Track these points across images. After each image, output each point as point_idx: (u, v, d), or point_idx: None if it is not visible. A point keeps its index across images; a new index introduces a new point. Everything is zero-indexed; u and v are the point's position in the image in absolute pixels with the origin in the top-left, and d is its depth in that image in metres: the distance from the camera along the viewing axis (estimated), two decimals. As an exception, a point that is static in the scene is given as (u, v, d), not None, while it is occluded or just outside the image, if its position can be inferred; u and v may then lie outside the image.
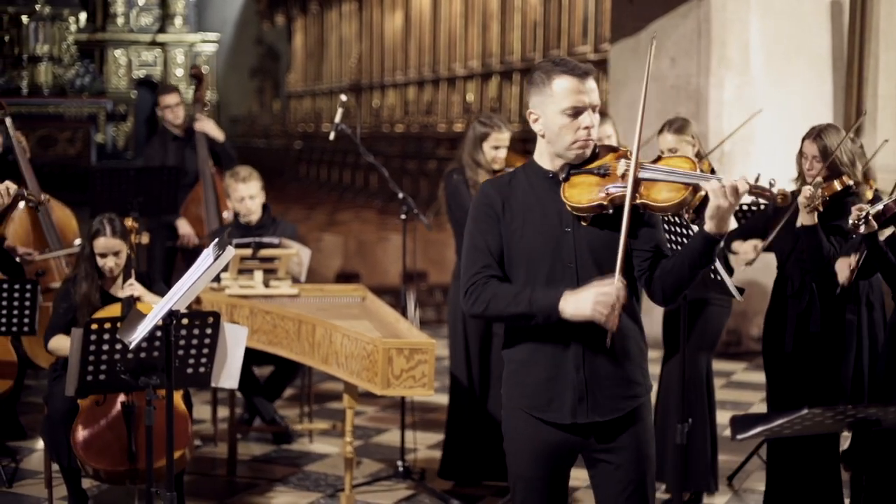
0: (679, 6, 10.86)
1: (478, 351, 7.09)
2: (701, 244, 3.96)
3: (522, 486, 4.21)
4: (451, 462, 7.19)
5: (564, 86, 4.02)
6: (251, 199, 7.90)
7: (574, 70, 4.03)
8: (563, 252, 4.05)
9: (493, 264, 4.10)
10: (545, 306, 3.96)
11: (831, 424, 3.73)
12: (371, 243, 14.17)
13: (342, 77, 25.62)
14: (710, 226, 3.91)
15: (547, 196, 4.09)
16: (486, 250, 4.11)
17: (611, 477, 4.13)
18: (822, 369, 6.12)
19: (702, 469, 6.74)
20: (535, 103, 4.11)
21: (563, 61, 4.08)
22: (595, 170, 4.05)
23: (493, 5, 18.81)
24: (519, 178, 4.18)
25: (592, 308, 3.87)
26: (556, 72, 4.04)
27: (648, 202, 3.98)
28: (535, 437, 4.14)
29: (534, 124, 4.13)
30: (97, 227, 6.23)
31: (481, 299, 4.07)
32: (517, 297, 4.01)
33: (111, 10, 23.62)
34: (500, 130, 7.04)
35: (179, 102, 9.71)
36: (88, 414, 5.91)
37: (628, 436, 4.11)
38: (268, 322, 6.90)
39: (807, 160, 6.11)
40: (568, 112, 4.02)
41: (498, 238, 4.11)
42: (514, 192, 4.13)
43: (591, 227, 4.05)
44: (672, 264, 4.04)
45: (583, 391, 4.06)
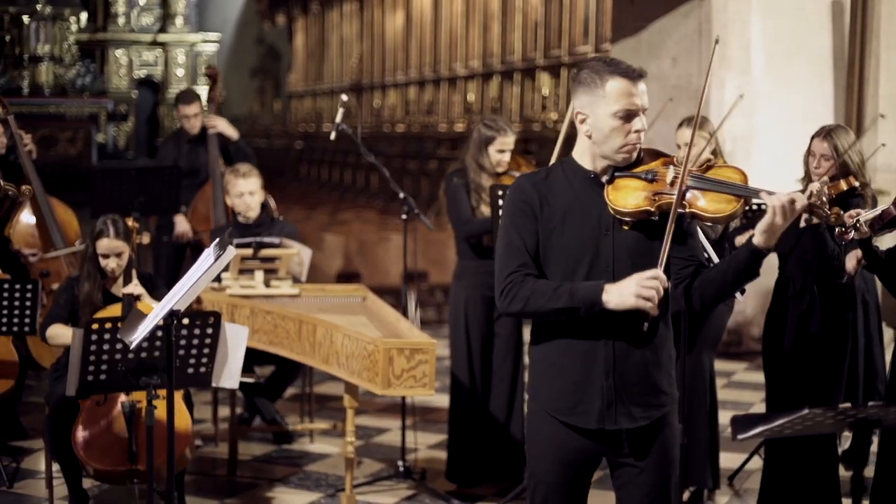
0: (680, 6, 10.86)
1: (480, 351, 7.09)
2: (747, 257, 3.90)
3: (542, 489, 4.14)
4: (456, 463, 7.18)
5: (618, 88, 3.93)
6: (250, 196, 7.90)
7: (628, 72, 3.95)
8: (601, 255, 3.98)
9: (530, 262, 4.01)
10: (588, 298, 3.87)
11: (832, 424, 3.72)
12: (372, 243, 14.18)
13: (343, 77, 25.63)
14: (759, 239, 3.86)
15: (587, 197, 4.01)
16: (523, 248, 4.01)
17: (636, 481, 4.08)
18: (821, 370, 6.12)
19: (703, 467, 6.74)
20: (583, 103, 4.00)
21: (614, 61, 3.99)
22: (642, 174, 3.97)
23: (494, 5, 18.81)
24: (557, 175, 4.07)
25: (636, 295, 3.80)
26: (610, 73, 3.95)
27: (698, 212, 3.93)
28: (560, 441, 4.08)
29: (580, 125, 4.02)
30: (100, 227, 6.23)
31: (519, 296, 3.97)
32: (557, 292, 3.92)
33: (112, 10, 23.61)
34: (505, 134, 7.02)
35: (198, 113, 9.71)
36: (89, 414, 5.91)
37: (655, 443, 4.06)
38: (269, 322, 6.90)
39: (815, 158, 6.11)
40: (620, 115, 3.93)
41: (534, 235, 4.01)
42: (551, 189, 4.03)
43: (632, 232, 3.97)
44: (715, 274, 3.99)
45: (612, 398, 4.00)
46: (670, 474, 4.11)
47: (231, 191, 7.95)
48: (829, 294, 6.10)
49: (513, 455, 7.09)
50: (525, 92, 17.95)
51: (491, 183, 6.93)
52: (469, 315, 7.06)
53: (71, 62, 22.59)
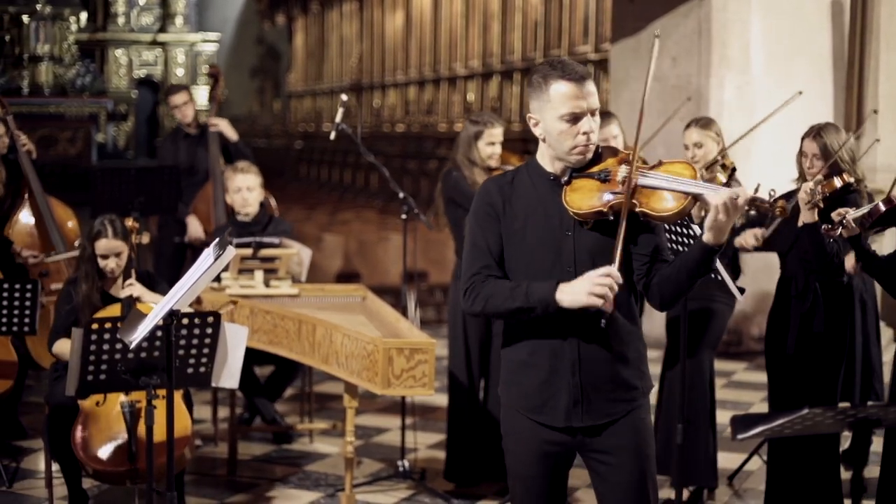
0: (680, 6, 10.86)
1: (478, 351, 7.09)
2: (699, 254, 3.94)
3: (521, 485, 4.22)
4: (455, 463, 7.18)
5: (562, 91, 3.99)
6: (249, 192, 7.89)
7: (571, 75, 3.99)
8: (563, 255, 4.04)
9: (493, 264, 4.09)
10: (542, 297, 3.94)
11: (832, 424, 3.72)
12: (371, 243, 14.17)
13: (343, 77, 25.62)
14: (708, 236, 3.89)
15: (549, 198, 4.07)
16: (486, 250, 4.10)
17: (610, 477, 4.13)
18: (823, 369, 6.13)
19: (703, 466, 6.75)
20: (533, 108, 4.09)
21: (560, 64, 4.04)
22: (596, 174, 4.02)
23: (493, 5, 18.81)
24: (522, 177, 4.16)
25: (588, 293, 3.85)
26: (553, 76, 4.01)
27: (647, 211, 3.96)
28: (532, 438, 4.15)
29: (534, 128, 4.11)
30: (98, 228, 6.22)
31: (480, 297, 4.06)
32: (514, 292, 3.99)
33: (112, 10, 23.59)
34: (492, 126, 7.05)
35: (187, 101, 9.72)
36: (89, 414, 5.91)
37: (626, 436, 4.11)
38: (268, 322, 6.90)
39: (807, 158, 6.12)
40: (566, 118, 3.99)
41: (498, 237, 4.10)
42: (515, 191, 4.12)
43: (592, 232, 4.02)
44: (670, 271, 4.02)
45: (577, 395, 4.06)
46: (646, 468, 4.15)
47: (229, 186, 7.95)
48: (832, 293, 6.11)
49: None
50: (525, 92, 17.94)
51: (484, 176, 6.96)
52: (467, 315, 7.06)
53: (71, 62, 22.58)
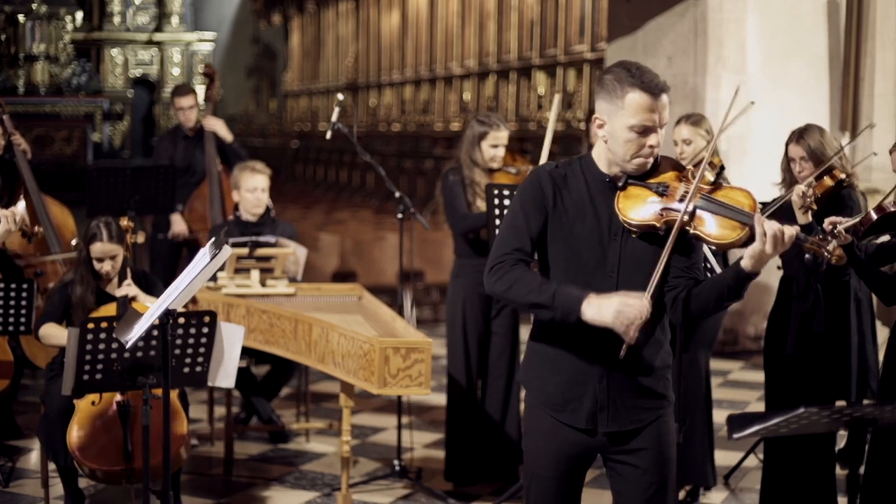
0: (676, 5, 10.87)
1: (476, 351, 7.09)
2: (733, 279, 3.88)
3: (537, 485, 4.17)
4: (451, 462, 7.18)
5: (637, 102, 3.89)
6: (263, 192, 7.87)
7: (650, 87, 3.89)
8: (607, 259, 3.98)
9: (527, 248, 4.01)
10: (567, 303, 3.86)
11: (827, 423, 3.72)
12: (368, 242, 14.16)
13: (339, 76, 25.63)
14: (747, 263, 3.83)
15: (601, 199, 4.00)
16: (525, 232, 4.01)
17: (632, 479, 4.09)
18: (822, 369, 6.13)
19: (700, 465, 6.75)
20: (602, 109, 3.98)
21: (639, 71, 3.92)
22: (654, 186, 3.96)
23: (489, 4, 18.81)
24: (575, 172, 4.06)
25: (614, 317, 3.78)
26: (631, 84, 3.89)
27: (702, 234, 3.90)
28: (554, 438, 4.10)
29: (598, 129, 4.00)
30: (93, 231, 6.22)
31: (505, 279, 3.97)
32: (542, 287, 3.91)
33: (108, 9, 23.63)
34: (498, 129, 7.03)
35: (194, 105, 9.74)
36: (85, 413, 5.90)
37: (650, 439, 4.07)
38: (264, 321, 6.90)
39: (795, 163, 6.12)
40: (636, 129, 3.90)
41: (540, 226, 4.01)
42: (568, 184, 4.03)
43: (639, 241, 3.97)
44: (700, 291, 3.96)
45: (604, 401, 4.02)
46: (667, 473, 4.11)
47: (243, 185, 7.87)
48: (833, 293, 6.11)
49: (508, 454, 7.10)
50: (521, 91, 17.95)
51: (485, 178, 6.96)
52: (466, 314, 7.07)
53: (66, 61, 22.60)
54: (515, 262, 3.99)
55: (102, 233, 6.20)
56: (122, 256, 6.26)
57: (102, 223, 6.24)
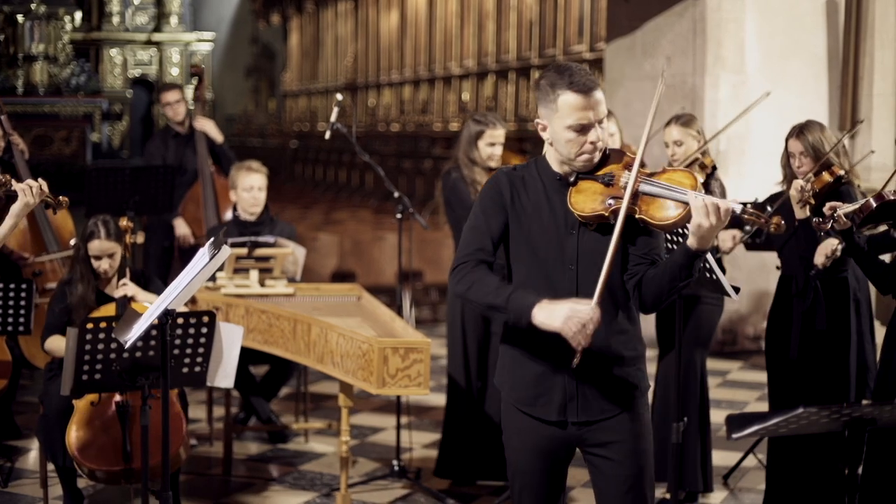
0: (674, 5, 10.87)
1: (476, 350, 7.09)
2: (682, 258, 3.94)
3: (519, 479, 4.25)
4: (448, 461, 7.19)
5: (569, 102, 3.99)
6: (259, 191, 7.87)
7: (579, 86, 3.98)
8: (566, 253, 4.06)
9: (489, 248, 4.12)
10: (520, 306, 3.95)
11: (826, 423, 3.73)
12: (367, 242, 14.16)
13: (338, 76, 25.62)
14: (692, 241, 3.89)
15: (556, 196, 4.10)
16: (486, 233, 4.12)
17: (608, 472, 4.15)
18: (824, 368, 6.13)
19: (696, 468, 6.74)
20: (541, 113, 4.10)
21: (569, 72, 4.02)
22: (601, 178, 4.04)
23: (488, 4, 18.81)
24: (531, 173, 4.17)
25: (563, 323, 3.86)
26: (561, 86, 4.00)
27: (647, 218, 3.97)
28: (529, 433, 4.18)
29: (542, 132, 4.12)
30: (91, 229, 6.22)
31: (465, 280, 4.09)
32: (498, 290, 4.01)
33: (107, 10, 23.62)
34: (494, 127, 7.04)
35: (180, 99, 9.73)
36: (84, 413, 5.90)
37: (624, 431, 4.13)
38: (263, 321, 6.89)
39: (795, 158, 6.13)
40: (574, 128, 4.00)
41: (500, 225, 4.12)
42: (525, 185, 4.14)
43: (595, 233, 4.05)
44: (654, 274, 4.03)
45: (573, 392, 4.09)
46: (643, 464, 4.17)
47: (240, 184, 7.87)
48: (832, 289, 6.11)
49: (508, 454, 7.10)
50: (520, 91, 17.96)
51: (484, 177, 6.96)
52: (466, 314, 7.07)
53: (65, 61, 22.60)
54: (477, 263, 4.11)
55: (100, 231, 6.20)
56: (120, 255, 6.26)
57: (101, 221, 6.24)
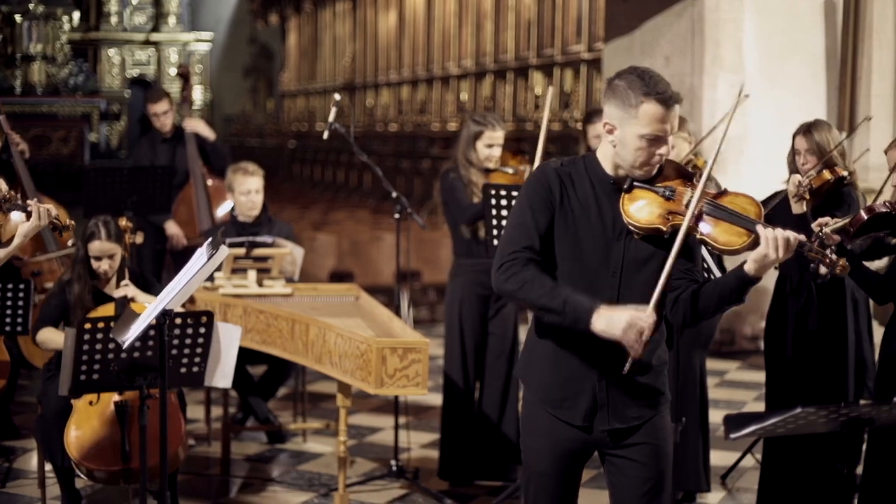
0: (673, 5, 10.87)
1: (474, 351, 7.09)
2: (735, 283, 3.90)
3: (535, 482, 4.20)
4: (448, 462, 7.19)
5: (651, 112, 3.89)
6: (256, 194, 7.86)
7: (664, 98, 3.90)
8: (611, 259, 4.00)
9: (536, 246, 4.00)
10: (578, 312, 3.87)
11: (824, 423, 3.73)
12: (365, 242, 14.15)
13: (336, 76, 25.63)
14: (751, 267, 3.84)
15: (605, 200, 4.01)
16: (534, 229, 4.01)
17: (629, 473, 4.12)
18: (821, 368, 6.13)
19: (695, 467, 6.74)
20: (613, 115, 3.98)
21: (652, 81, 3.92)
22: (660, 189, 3.97)
23: (486, 4, 18.81)
24: (579, 171, 4.07)
25: (624, 331, 3.80)
26: (646, 94, 3.89)
27: (707, 240, 3.92)
28: (552, 435, 4.13)
29: (607, 133, 4.00)
30: (92, 230, 6.22)
31: (517, 279, 3.96)
32: (553, 292, 3.91)
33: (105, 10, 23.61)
34: (493, 129, 7.04)
35: (167, 111, 9.63)
36: (82, 414, 5.90)
37: (647, 434, 4.10)
38: (261, 321, 6.89)
39: (800, 155, 6.13)
40: (648, 138, 3.92)
41: (547, 222, 4.01)
42: (574, 184, 4.04)
43: (642, 242, 3.98)
44: (702, 293, 3.98)
45: (603, 399, 4.05)
46: (664, 468, 4.13)
47: (237, 188, 7.88)
48: (827, 290, 6.11)
49: (505, 454, 7.10)
50: (518, 91, 17.96)
51: (482, 177, 6.96)
52: (464, 314, 7.07)
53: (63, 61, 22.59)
54: (527, 262, 3.98)
55: (101, 231, 6.20)
56: (120, 256, 6.26)
57: (101, 222, 6.23)
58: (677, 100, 3.95)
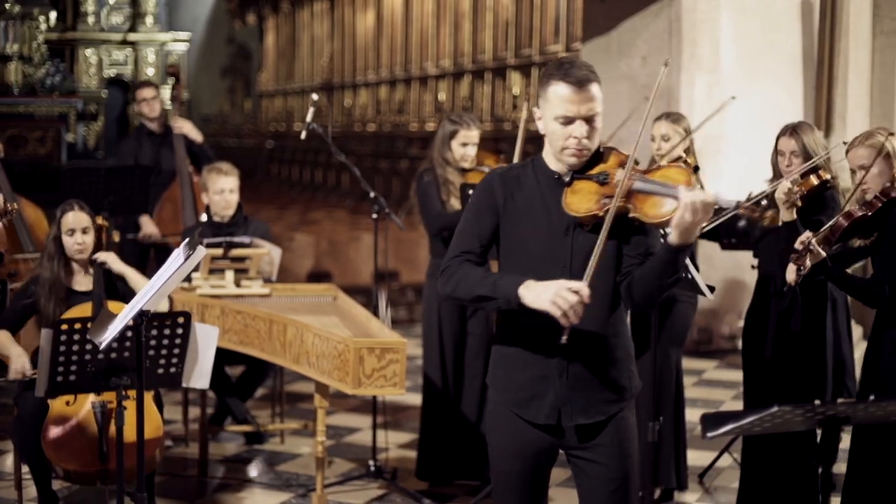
0: (650, 5, 10.89)
1: (452, 351, 7.09)
2: (665, 254, 3.91)
3: (502, 481, 4.24)
4: (427, 462, 7.19)
5: (559, 93, 3.97)
6: (231, 193, 7.85)
7: (571, 78, 3.96)
8: (560, 255, 4.03)
9: (477, 251, 4.11)
10: (508, 290, 3.93)
11: (801, 422, 3.73)
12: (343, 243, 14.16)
13: (314, 76, 25.60)
14: (673, 236, 3.85)
15: (551, 196, 4.07)
16: (475, 235, 4.12)
17: (594, 474, 4.14)
18: (800, 368, 6.15)
19: (671, 466, 6.75)
20: (538, 103, 4.09)
21: (566, 65, 4.00)
22: (595, 177, 4.02)
23: (464, 4, 18.82)
24: (527, 172, 4.14)
25: (551, 301, 3.82)
26: (555, 77, 3.98)
27: (640, 216, 3.95)
28: (517, 434, 4.16)
29: (538, 122, 4.10)
30: (63, 207, 6.26)
31: (452, 279, 4.08)
32: (484, 279, 4.01)
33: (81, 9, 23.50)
34: (468, 128, 7.04)
35: (155, 96, 9.70)
36: (58, 415, 5.88)
37: (610, 434, 4.12)
38: (239, 322, 6.88)
39: (784, 157, 6.13)
40: (560, 120, 3.98)
41: (491, 230, 4.11)
42: (520, 186, 4.11)
43: (591, 233, 4.00)
44: (641, 273, 4.01)
45: (565, 395, 4.07)
46: (628, 469, 4.16)
47: (211, 187, 7.87)
48: (810, 291, 6.12)
49: (484, 454, 7.07)
50: (496, 91, 17.97)
51: (457, 177, 6.98)
52: (442, 314, 7.07)
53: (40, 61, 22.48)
54: (461, 264, 4.10)
55: (73, 205, 6.26)
56: (93, 234, 6.27)
57: (72, 200, 6.29)
58: (588, 80, 3.97)
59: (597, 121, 4.02)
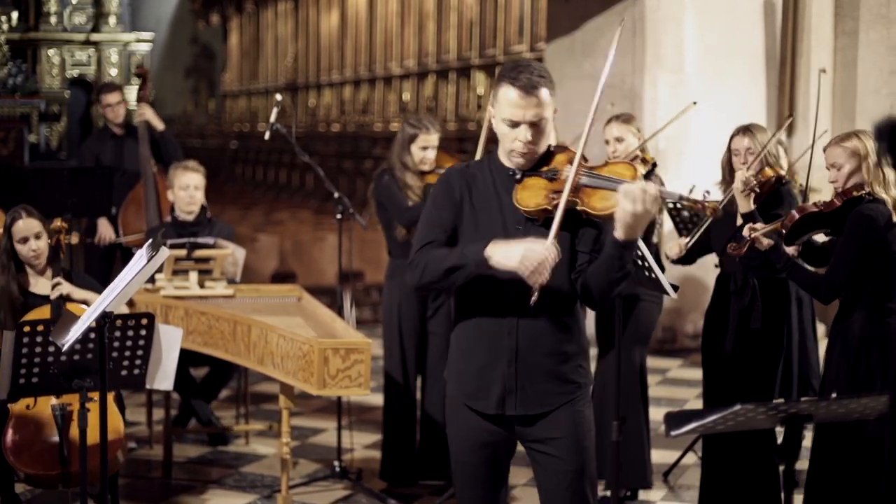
0: (614, 5, 10.92)
1: (413, 351, 7.09)
2: (612, 249, 3.96)
3: (461, 471, 4.33)
4: (391, 463, 7.19)
5: (506, 97, 4.06)
6: (196, 190, 7.81)
7: (518, 82, 4.03)
8: None
9: (442, 239, 4.16)
10: (476, 255, 3.98)
11: (764, 420, 3.75)
12: (307, 243, 14.13)
13: (278, 76, 25.55)
14: (618, 230, 3.91)
15: (505, 192, 4.15)
16: (440, 227, 4.17)
17: (549, 467, 4.20)
18: (759, 366, 6.17)
19: (637, 465, 6.77)
20: (492, 103, 4.17)
21: (518, 69, 4.07)
22: (545, 173, 4.10)
23: (429, 5, 18.82)
24: (483, 169, 4.23)
25: (520, 260, 3.88)
26: (506, 80, 4.07)
27: (588, 210, 4.02)
28: (469, 425, 4.24)
29: (492, 121, 4.18)
30: (11, 215, 6.21)
31: (419, 267, 4.12)
32: (452, 252, 4.07)
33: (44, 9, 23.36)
34: (427, 132, 7.05)
35: (121, 101, 9.61)
36: (19, 418, 5.84)
37: (564, 427, 4.16)
38: (203, 323, 6.86)
39: (739, 155, 6.18)
40: (506, 122, 4.07)
41: (452, 218, 4.17)
42: (476, 182, 4.19)
43: (543, 228, 4.06)
44: (592, 269, 4.06)
45: (512, 385, 4.13)
46: (584, 459, 4.21)
47: (176, 182, 7.83)
48: (770, 290, 6.16)
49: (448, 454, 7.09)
50: (460, 91, 17.98)
51: (416, 180, 6.99)
52: (402, 314, 7.07)
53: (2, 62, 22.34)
54: (427, 251, 4.15)
55: (21, 212, 6.21)
56: (45, 238, 6.22)
57: (19, 207, 6.24)
58: (534, 86, 4.02)
59: (544, 125, 4.08)
